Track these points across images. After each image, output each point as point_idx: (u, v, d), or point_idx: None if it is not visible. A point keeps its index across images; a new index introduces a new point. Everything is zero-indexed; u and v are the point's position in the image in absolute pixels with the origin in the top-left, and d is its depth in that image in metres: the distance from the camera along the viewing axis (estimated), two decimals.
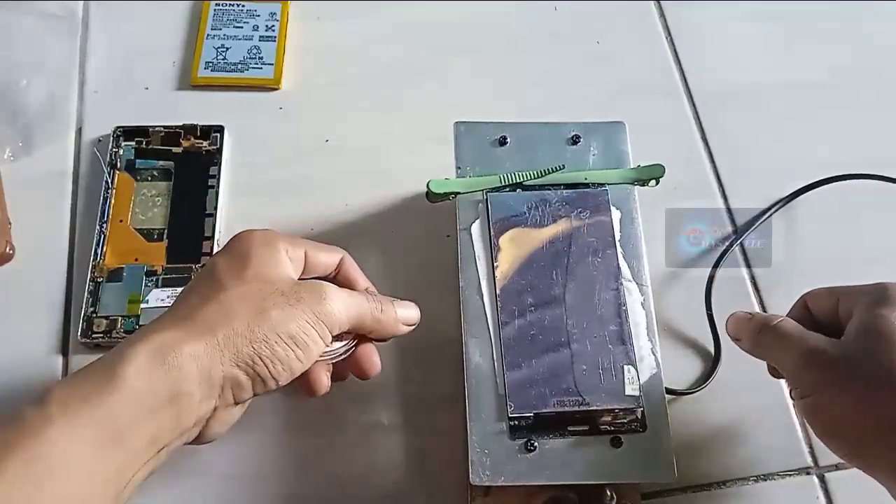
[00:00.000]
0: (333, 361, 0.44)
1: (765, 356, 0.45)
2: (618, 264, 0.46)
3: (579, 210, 0.48)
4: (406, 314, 0.45)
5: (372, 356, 0.45)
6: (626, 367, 0.43)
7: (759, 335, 0.43)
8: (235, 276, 0.39)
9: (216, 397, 0.37)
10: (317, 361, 0.41)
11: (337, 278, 0.45)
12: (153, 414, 0.35)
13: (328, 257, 0.45)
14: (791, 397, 0.47)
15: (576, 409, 0.42)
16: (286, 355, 0.38)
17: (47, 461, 0.32)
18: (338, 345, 0.43)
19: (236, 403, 0.39)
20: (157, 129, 0.58)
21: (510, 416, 0.42)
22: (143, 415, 0.34)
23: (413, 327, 0.46)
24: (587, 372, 0.43)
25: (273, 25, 0.63)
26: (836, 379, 0.38)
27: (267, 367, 0.38)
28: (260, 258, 0.40)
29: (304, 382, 0.42)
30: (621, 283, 0.46)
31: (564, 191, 0.49)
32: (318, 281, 0.42)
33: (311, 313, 0.39)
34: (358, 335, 0.44)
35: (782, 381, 0.53)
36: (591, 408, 0.42)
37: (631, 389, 0.43)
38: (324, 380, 0.43)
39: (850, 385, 0.38)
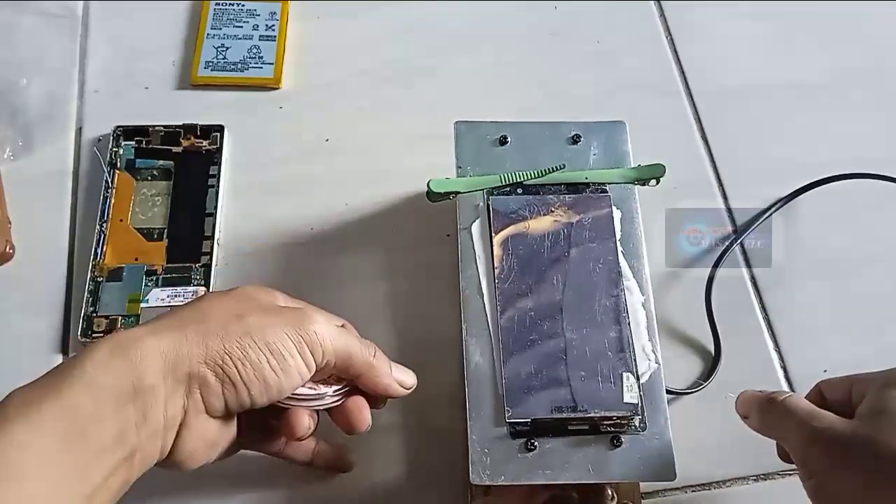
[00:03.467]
0: (319, 408, 0.41)
1: (771, 433, 0.42)
2: (618, 264, 0.46)
3: (580, 209, 0.48)
4: (401, 376, 0.43)
5: (362, 410, 0.42)
6: (624, 374, 0.43)
7: (766, 411, 0.41)
8: (218, 293, 0.39)
9: (183, 396, 0.35)
10: (300, 403, 0.40)
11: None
12: (117, 408, 0.33)
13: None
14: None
15: (573, 415, 0.42)
16: (258, 360, 0.36)
17: (6, 460, 0.30)
18: (325, 389, 0.41)
19: (209, 413, 0.37)
20: (157, 128, 0.58)
21: (508, 420, 0.42)
22: (105, 407, 0.33)
23: (408, 391, 0.43)
24: (585, 378, 0.43)
25: (273, 25, 0.63)
26: (844, 460, 0.36)
27: (237, 369, 0.36)
28: (251, 290, 0.40)
29: (283, 422, 0.40)
30: (622, 287, 0.46)
31: (565, 190, 0.49)
32: (306, 310, 0.40)
33: (291, 328, 0.37)
34: (350, 385, 0.42)
35: (782, 381, 0.53)
36: (589, 415, 0.42)
37: (629, 397, 0.43)
38: (304, 422, 0.40)
39: (858, 467, 0.36)
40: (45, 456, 0.31)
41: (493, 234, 0.47)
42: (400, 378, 0.43)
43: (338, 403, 0.42)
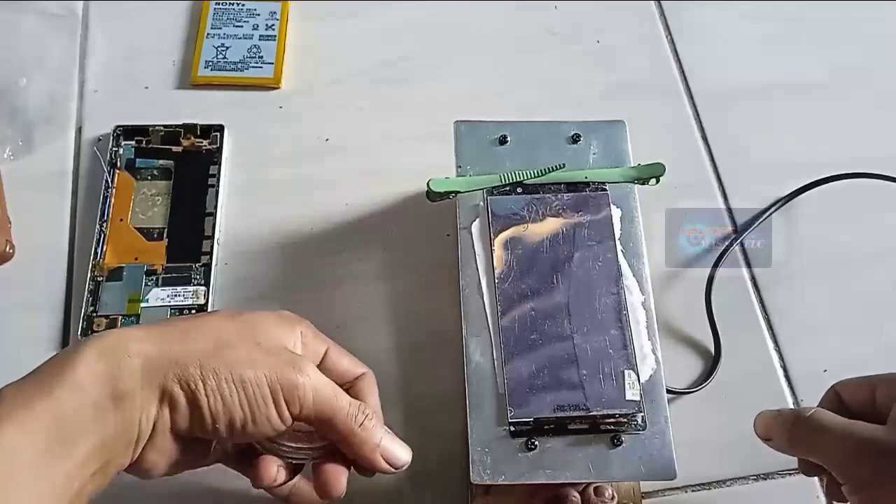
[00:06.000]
0: (293, 461, 0.40)
1: (805, 452, 0.41)
2: (618, 263, 0.46)
3: (579, 209, 0.48)
4: (392, 449, 0.40)
5: (338, 476, 0.40)
6: (626, 371, 0.43)
7: (793, 431, 0.40)
8: (230, 315, 0.38)
9: (156, 408, 0.35)
10: (275, 450, 0.39)
11: (350, 392, 0.41)
12: (99, 415, 0.33)
13: (350, 365, 0.42)
14: (826, 494, 0.44)
15: (575, 414, 0.42)
16: (230, 396, 0.35)
17: None
18: (305, 444, 0.40)
19: (174, 432, 0.36)
20: (157, 128, 0.58)
21: (510, 420, 0.42)
22: (89, 414, 0.32)
23: (397, 470, 0.41)
24: (587, 376, 0.43)
25: (273, 24, 0.63)
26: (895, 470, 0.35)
27: (207, 399, 0.35)
28: (263, 320, 0.38)
29: (254, 463, 0.39)
30: (622, 285, 0.46)
31: (564, 190, 0.49)
32: (300, 357, 0.38)
33: (274, 372, 0.36)
34: (330, 446, 0.40)
35: (782, 381, 0.53)
36: (591, 413, 0.42)
37: (631, 394, 0.43)
38: (271, 473, 0.39)
39: None
40: (33, 464, 0.31)
41: (493, 234, 0.47)
42: (391, 455, 0.40)
43: (315, 461, 0.40)
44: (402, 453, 0.41)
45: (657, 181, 0.49)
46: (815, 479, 0.50)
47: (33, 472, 0.31)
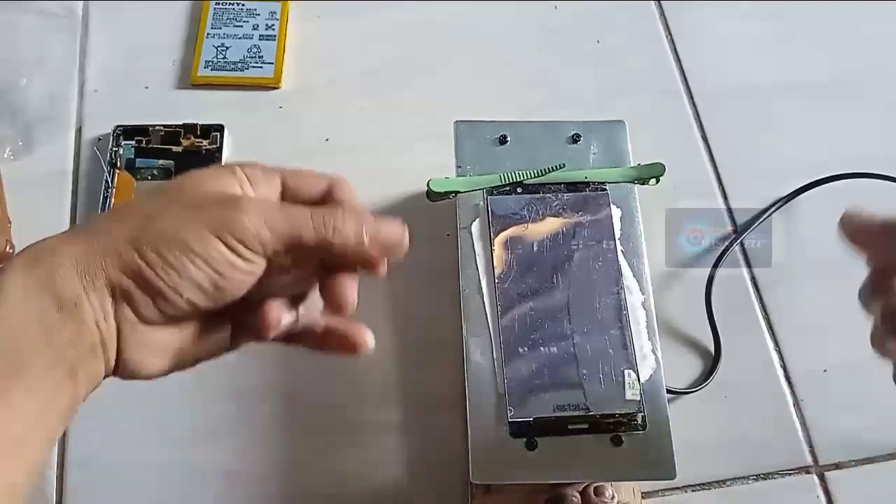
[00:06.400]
0: (289, 293, 0.37)
1: None
2: (618, 263, 0.46)
3: (579, 209, 0.48)
4: (381, 232, 0.36)
5: (344, 285, 0.36)
6: (626, 371, 0.43)
7: None
8: (148, 192, 0.35)
9: (111, 307, 0.32)
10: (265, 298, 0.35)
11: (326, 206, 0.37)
12: (44, 330, 0.30)
13: (313, 182, 0.37)
14: None
15: (575, 414, 0.42)
16: (182, 265, 0.31)
17: None
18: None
19: (146, 323, 0.33)
20: (157, 128, 0.58)
21: (510, 420, 0.42)
22: (33, 333, 0.30)
23: (396, 247, 0.37)
24: (587, 376, 0.43)
25: (273, 25, 0.63)
26: None
27: (159, 276, 0.31)
28: (192, 179, 0.34)
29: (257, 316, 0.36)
30: (622, 285, 0.46)
31: (564, 190, 0.49)
32: (238, 195, 0.34)
33: (212, 221, 0.32)
34: (327, 265, 0.36)
35: (782, 381, 0.53)
36: (591, 413, 0.42)
37: (631, 394, 0.43)
38: (275, 315, 0.35)
39: None
40: None
41: (493, 234, 0.47)
42: (383, 238, 0.36)
43: (317, 281, 0.37)
44: (392, 230, 0.36)
45: (657, 181, 0.49)
46: (815, 478, 0.50)
47: None
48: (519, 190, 0.49)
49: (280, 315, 0.35)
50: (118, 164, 0.56)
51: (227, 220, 0.32)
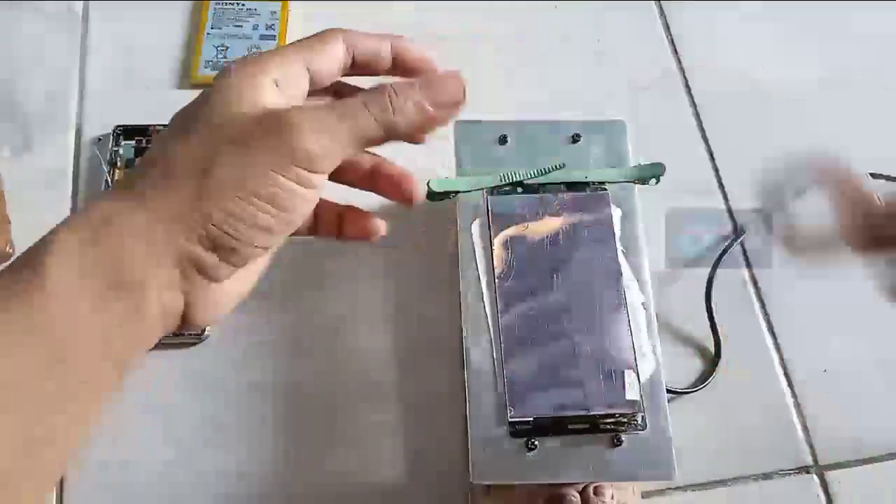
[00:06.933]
0: None
1: None
2: (618, 263, 0.46)
3: (579, 208, 0.48)
4: (437, 93, 0.34)
5: (402, 179, 0.36)
6: (626, 370, 0.43)
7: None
8: (182, 130, 0.30)
9: (178, 282, 0.29)
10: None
11: (356, 66, 0.35)
12: (96, 308, 0.27)
13: (330, 50, 0.34)
14: None
15: (575, 413, 0.42)
16: (249, 216, 0.29)
17: None
18: None
19: (217, 281, 0.30)
20: (157, 128, 0.58)
21: (510, 419, 0.42)
22: (81, 310, 0.27)
23: (451, 111, 0.34)
24: (587, 376, 0.43)
25: (273, 25, 0.63)
26: None
27: (227, 234, 0.29)
28: (220, 98, 0.30)
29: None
30: (622, 285, 0.46)
31: (564, 189, 0.49)
32: (282, 108, 0.30)
33: (270, 156, 0.29)
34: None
35: (782, 381, 0.53)
36: (591, 413, 0.42)
37: (631, 394, 0.43)
38: (376, 223, 0.35)
39: None
40: (17, 391, 0.26)
41: (493, 234, 0.47)
42: (446, 98, 0.34)
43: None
44: (453, 87, 0.35)
45: (657, 181, 0.49)
46: (815, 477, 0.50)
47: (20, 399, 0.26)
48: (519, 190, 0.49)
49: (378, 224, 0.35)
50: (118, 163, 0.56)
51: (288, 149, 0.29)
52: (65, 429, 0.27)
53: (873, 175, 0.56)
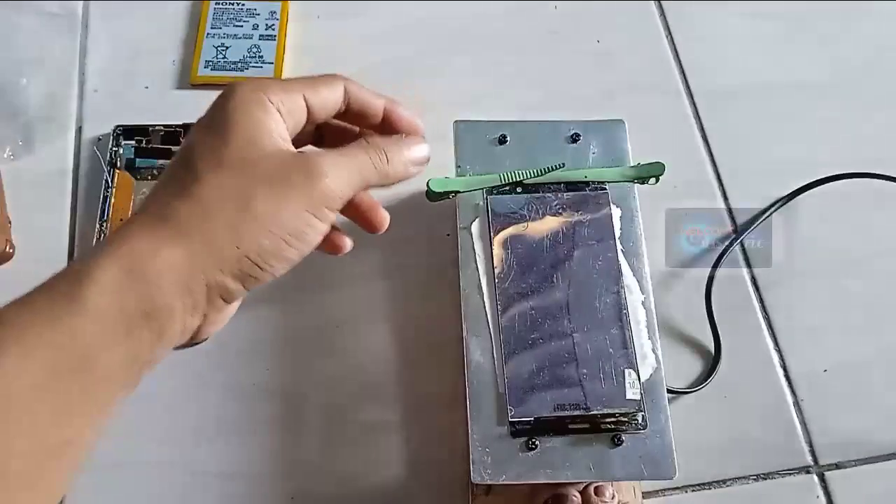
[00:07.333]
0: None
1: None
2: (618, 263, 0.46)
3: (579, 208, 0.48)
4: (416, 153, 0.38)
5: (377, 211, 0.40)
6: (626, 370, 0.43)
7: None
8: (212, 160, 0.32)
9: (202, 307, 0.32)
10: None
11: (348, 113, 0.38)
12: (128, 334, 0.30)
13: (330, 93, 0.37)
14: None
15: (576, 413, 0.42)
16: (279, 250, 0.33)
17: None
18: None
19: (228, 302, 0.33)
20: (157, 128, 0.58)
21: (511, 419, 0.42)
22: (115, 336, 0.29)
23: (423, 167, 0.39)
24: (588, 375, 0.43)
25: (273, 24, 0.63)
26: None
27: (258, 266, 0.32)
28: (242, 129, 0.33)
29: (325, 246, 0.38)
30: (622, 284, 0.46)
31: (564, 189, 0.49)
32: (309, 154, 0.34)
33: (305, 198, 0.33)
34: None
35: (782, 381, 0.53)
36: (592, 412, 0.42)
37: (632, 393, 0.43)
38: (346, 241, 0.39)
39: None
40: (38, 386, 0.28)
41: (493, 234, 0.47)
42: (415, 157, 0.39)
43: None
44: (423, 150, 0.39)
45: (657, 181, 0.49)
46: (815, 477, 0.50)
47: (44, 395, 0.28)
48: (519, 189, 0.49)
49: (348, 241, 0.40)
50: (118, 164, 0.56)
51: (319, 193, 0.33)
52: (83, 431, 0.30)
53: (874, 175, 0.56)
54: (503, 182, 0.49)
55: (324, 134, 0.40)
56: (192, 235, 0.31)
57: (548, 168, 0.49)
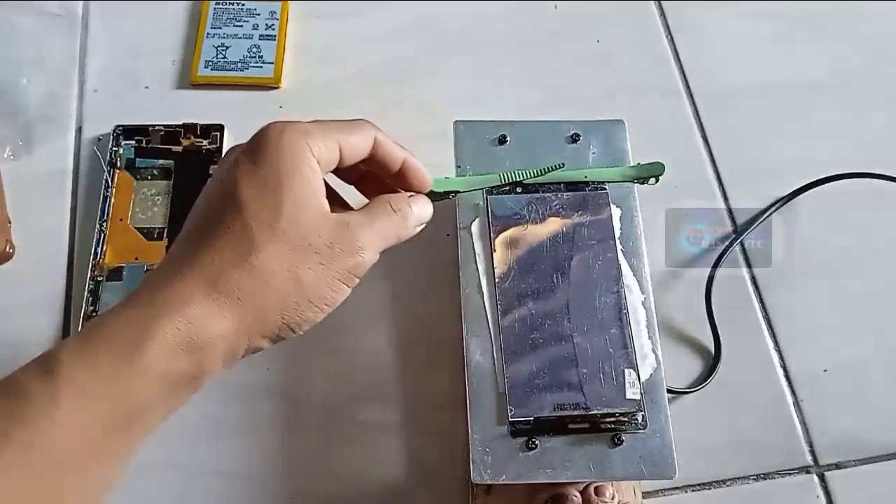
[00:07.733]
0: None
1: None
2: (618, 263, 0.46)
3: (579, 208, 0.48)
4: (424, 216, 0.41)
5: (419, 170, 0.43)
6: (626, 370, 0.43)
7: None
8: (268, 227, 0.34)
9: (235, 363, 0.35)
10: None
11: (369, 159, 0.40)
12: (172, 394, 0.33)
13: (361, 142, 0.39)
14: None
15: (576, 413, 0.42)
16: (314, 317, 0.36)
17: (51, 449, 0.29)
18: None
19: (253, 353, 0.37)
20: (157, 128, 0.58)
21: (511, 419, 0.42)
22: (163, 396, 0.32)
23: (423, 225, 0.42)
24: (588, 375, 0.43)
25: (273, 24, 0.63)
26: None
27: (292, 330, 0.36)
28: (294, 190, 0.35)
29: None
30: (622, 284, 0.46)
31: (564, 189, 0.49)
32: (350, 225, 0.36)
33: (344, 271, 0.36)
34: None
35: (782, 381, 0.53)
36: (592, 412, 0.42)
37: (632, 393, 0.43)
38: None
39: None
40: (90, 443, 0.31)
41: (493, 234, 0.47)
42: (420, 216, 0.41)
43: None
44: (428, 210, 0.42)
45: (657, 181, 0.49)
46: (815, 477, 0.50)
47: (93, 452, 0.31)
48: (519, 190, 0.49)
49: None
50: (118, 163, 0.56)
51: (359, 267, 0.37)
52: (119, 474, 0.33)
53: (874, 175, 0.56)
54: (503, 182, 0.49)
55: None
56: (245, 306, 0.34)
57: (548, 168, 0.49)
